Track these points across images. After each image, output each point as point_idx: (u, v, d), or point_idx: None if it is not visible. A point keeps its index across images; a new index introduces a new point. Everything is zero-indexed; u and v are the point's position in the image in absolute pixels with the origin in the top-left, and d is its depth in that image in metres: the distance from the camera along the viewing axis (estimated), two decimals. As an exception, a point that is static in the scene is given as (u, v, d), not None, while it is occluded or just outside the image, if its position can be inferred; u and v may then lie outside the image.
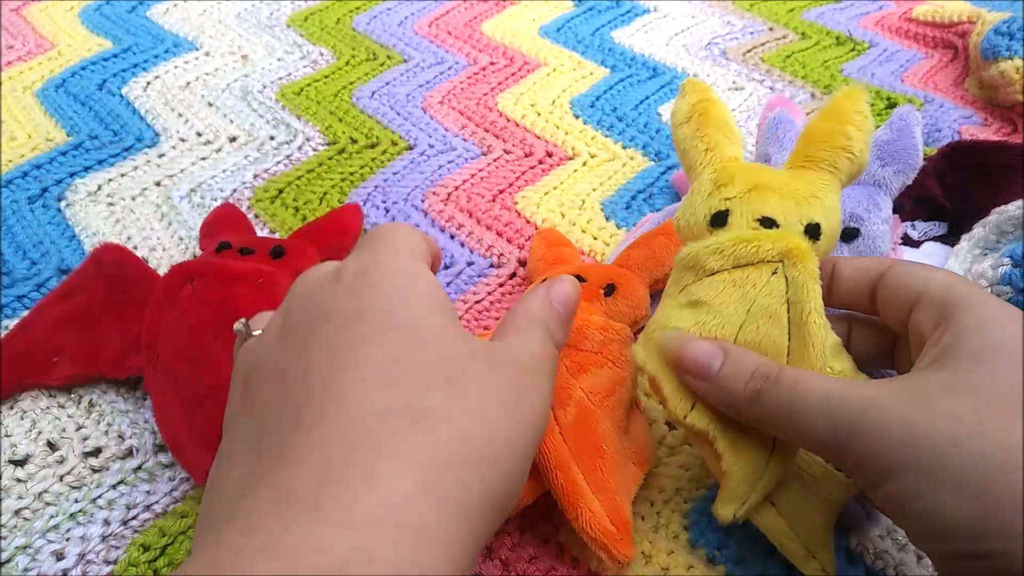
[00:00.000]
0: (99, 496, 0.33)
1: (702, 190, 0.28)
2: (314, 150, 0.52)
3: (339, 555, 0.15)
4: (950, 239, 0.37)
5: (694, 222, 0.28)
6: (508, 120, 0.54)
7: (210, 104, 0.56)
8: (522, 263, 0.43)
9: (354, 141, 0.52)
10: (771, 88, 0.58)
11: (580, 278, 0.32)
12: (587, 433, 0.28)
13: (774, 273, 0.26)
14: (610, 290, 0.34)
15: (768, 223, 0.27)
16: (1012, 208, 0.35)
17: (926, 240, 0.40)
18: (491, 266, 0.43)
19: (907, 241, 0.40)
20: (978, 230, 0.36)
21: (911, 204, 0.42)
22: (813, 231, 0.27)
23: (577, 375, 0.30)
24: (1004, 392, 0.20)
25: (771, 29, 0.65)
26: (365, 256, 0.22)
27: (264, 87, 0.58)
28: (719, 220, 0.27)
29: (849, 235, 0.35)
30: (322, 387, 0.18)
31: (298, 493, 0.16)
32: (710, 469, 0.28)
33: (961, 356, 0.22)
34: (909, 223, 0.42)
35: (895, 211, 0.37)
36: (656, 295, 0.32)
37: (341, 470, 0.16)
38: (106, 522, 0.32)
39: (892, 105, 0.54)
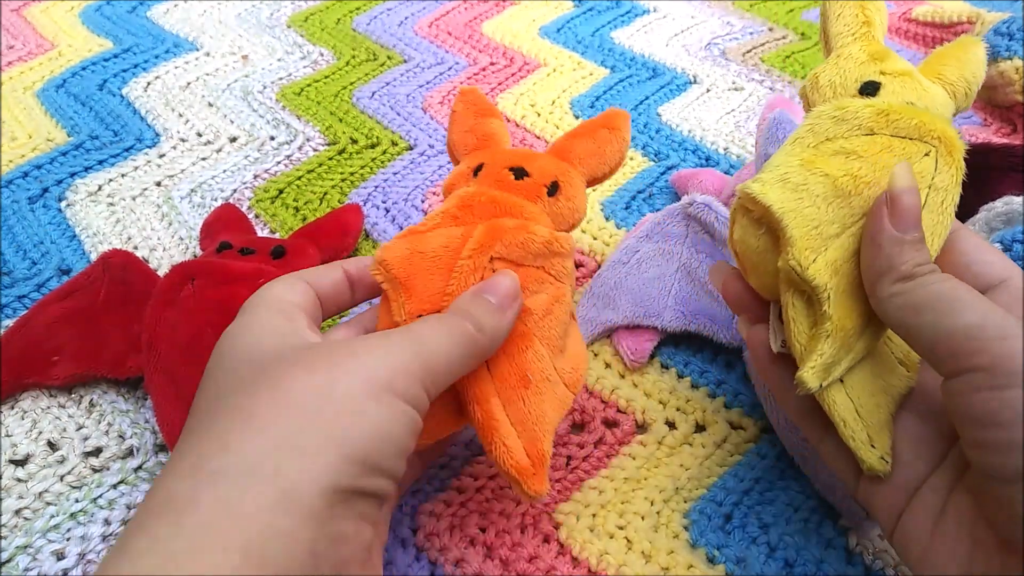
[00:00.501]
0: (100, 496, 0.33)
1: (854, 56, 0.28)
2: (314, 150, 0.52)
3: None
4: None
5: (840, 82, 0.28)
6: (508, 120, 0.54)
7: (210, 104, 0.56)
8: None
9: (354, 141, 0.53)
10: (771, 88, 0.58)
11: (522, 171, 0.31)
12: (513, 362, 0.27)
13: (926, 155, 0.25)
14: (554, 189, 0.31)
15: None
16: (1000, 205, 0.35)
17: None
18: (491, 266, 0.43)
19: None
20: (969, 228, 0.36)
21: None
22: None
23: None
24: None
25: (771, 29, 0.66)
26: (236, 321, 0.26)
27: (264, 87, 0.58)
28: (870, 89, 0.27)
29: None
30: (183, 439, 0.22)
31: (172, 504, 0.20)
32: (791, 335, 0.26)
33: None
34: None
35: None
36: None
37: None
38: (107, 522, 0.32)
39: (892, 105, 0.54)
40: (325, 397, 0.21)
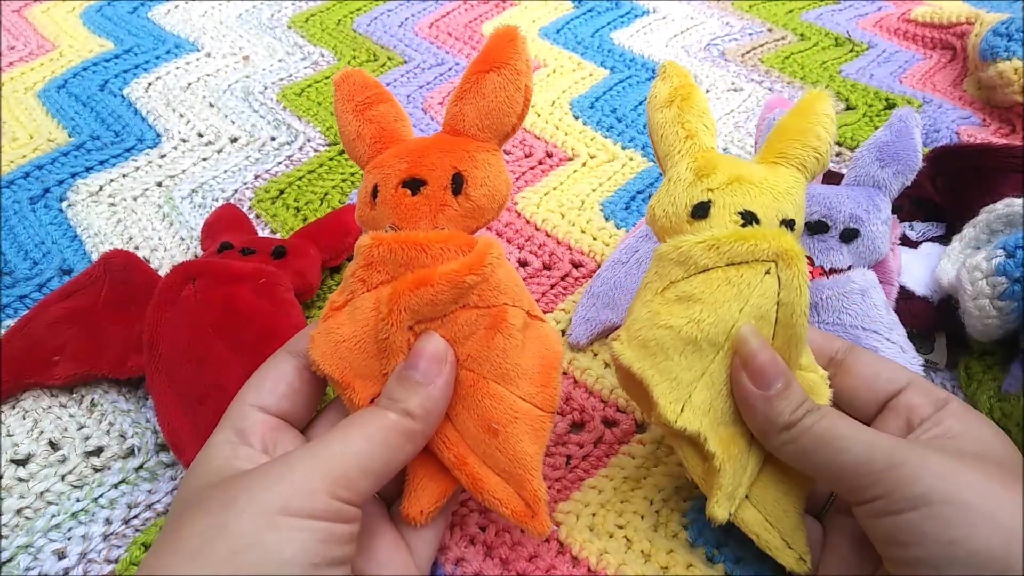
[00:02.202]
0: (101, 495, 0.33)
1: (682, 179, 0.28)
2: (315, 151, 0.52)
3: None
4: (947, 239, 0.37)
5: (673, 211, 0.28)
6: (508, 121, 0.54)
7: (211, 105, 0.57)
8: (522, 263, 0.43)
9: (355, 142, 0.53)
10: (770, 89, 0.58)
11: (417, 182, 0.27)
12: (474, 415, 0.27)
13: (767, 273, 0.26)
14: (458, 185, 0.27)
15: (749, 217, 0.27)
16: (1000, 206, 0.35)
17: (924, 240, 0.40)
18: (491, 266, 0.43)
19: (905, 241, 0.40)
20: (968, 230, 0.36)
21: (909, 205, 0.42)
22: (788, 226, 0.27)
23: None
24: (1017, 468, 0.24)
25: (770, 30, 0.66)
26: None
27: (265, 88, 0.58)
28: (701, 211, 0.27)
29: (849, 236, 0.35)
30: None
31: None
32: (689, 473, 0.28)
33: (971, 436, 0.25)
34: (907, 224, 0.42)
35: (893, 211, 0.37)
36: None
37: None
38: (108, 521, 0.32)
39: (891, 106, 0.54)
40: (218, 539, 0.22)
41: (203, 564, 0.21)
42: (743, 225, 0.27)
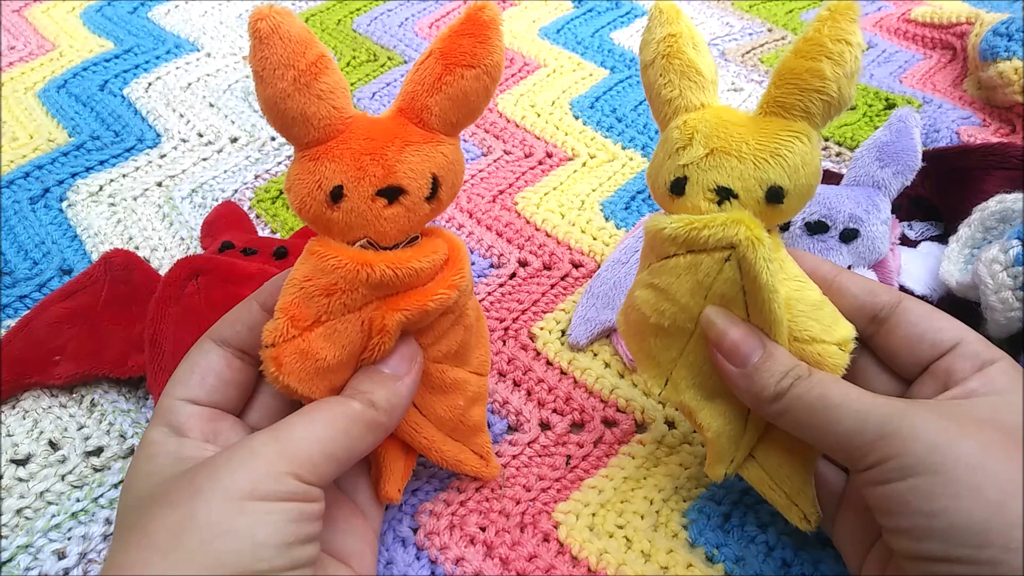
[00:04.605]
0: (101, 495, 0.33)
1: (666, 147, 0.27)
2: (315, 151, 0.52)
3: None
4: (946, 239, 0.37)
5: (657, 186, 0.27)
6: (508, 121, 0.54)
7: (211, 105, 0.57)
8: (522, 263, 0.43)
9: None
10: (770, 89, 0.58)
11: (395, 191, 0.24)
12: (445, 399, 0.29)
13: (727, 260, 0.25)
14: (434, 190, 0.25)
15: (724, 192, 0.25)
16: (992, 204, 0.35)
17: (923, 240, 0.40)
18: (491, 266, 0.43)
19: (905, 241, 0.40)
20: (964, 230, 0.36)
21: (908, 204, 0.42)
22: (775, 195, 0.25)
23: (422, 347, 0.28)
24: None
25: (770, 30, 0.66)
26: (134, 455, 0.27)
27: (265, 88, 0.58)
28: (677, 188, 0.26)
29: (849, 236, 0.35)
30: None
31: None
32: (696, 431, 0.28)
33: (989, 396, 0.24)
34: (906, 223, 0.42)
35: (892, 211, 0.37)
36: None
37: None
38: (108, 521, 0.32)
39: (891, 106, 0.54)
40: (188, 529, 0.21)
41: (176, 558, 0.21)
42: (719, 202, 0.25)
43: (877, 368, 0.28)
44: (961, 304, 0.34)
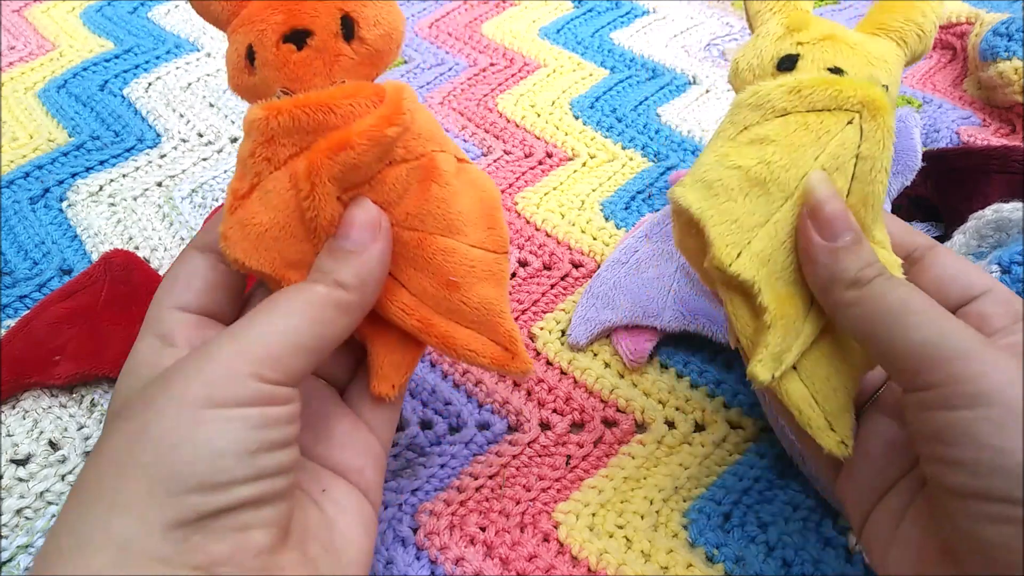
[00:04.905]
0: (101, 495, 0.33)
1: (771, 33, 0.27)
2: (315, 151, 0.52)
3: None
4: (946, 240, 0.37)
5: (758, 64, 0.27)
6: (508, 121, 0.54)
7: (211, 105, 0.57)
8: (522, 263, 0.43)
9: (355, 142, 0.53)
10: (770, 89, 0.58)
11: (301, 32, 0.24)
12: (428, 274, 0.25)
13: (849, 123, 0.24)
14: (349, 28, 0.24)
15: (838, 72, 0.26)
16: (989, 212, 0.35)
17: (924, 240, 0.40)
18: (491, 266, 0.43)
19: (905, 241, 0.40)
20: (958, 237, 0.36)
21: (908, 204, 0.42)
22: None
23: (385, 211, 0.25)
24: None
25: (770, 30, 0.66)
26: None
27: (265, 88, 0.58)
28: (787, 64, 0.26)
29: (848, 235, 0.35)
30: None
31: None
32: (736, 332, 0.26)
33: None
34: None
35: (893, 211, 0.37)
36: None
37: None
38: (108, 521, 0.32)
39: (891, 106, 0.54)
40: (139, 442, 0.20)
41: (131, 474, 0.20)
42: None
43: None
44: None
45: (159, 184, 0.49)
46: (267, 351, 0.22)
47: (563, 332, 0.39)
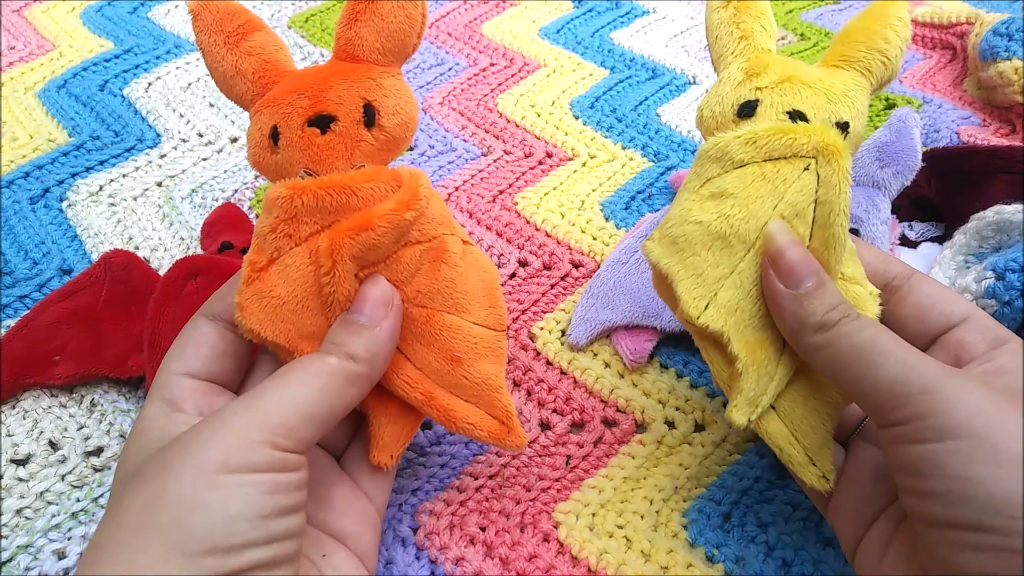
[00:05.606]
0: (101, 495, 0.33)
1: (732, 79, 0.27)
2: (315, 151, 0.52)
3: None
4: (946, 240, 0.37)
5: (719, 111, 0.27)
6: (508, 121, 0.54)
7: (211, 105, 0.57)
8: (522, 263, 0.43)
9: (355, 142, 0.53)
10: (770, 89, 0.58)
11: (326, 118, 0.25)
12: (433, 349, 0.27)
13: (806, 169, 0.25)
14: (370, 117, 0.26)
15: (797, 116, 0.26)
16: (990, 214, 0.35)
17: (923, 241, 0.40)
18: (491, 266, 0.43)
19: (904, 242, 0.40)
20: (959, 237, 0.36)
21: (908, 204, 0.42)
22: (842, 129, 0.26)
23: (397, 288, 0.27)
24: None
25: (770, 30, 0.66)
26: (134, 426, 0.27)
27: (265, 88, 0.58)
28: (747, 110, 0.26)
29: (848, 235, 0.35)
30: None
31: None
32: (715, 378, 0.27)
33: (1020, 374, 0.23)
34: (906, 223, 0.42)
35: (892, 211, 0.37)
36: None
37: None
38: (108, 521, 0.32)
39: (891, 106, 0.54)
40: (156, 505, 0.21)
41: (148, 536, 0.20)
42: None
43: None
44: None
45: (159, 184, 0.49)
46: (280, 420, 0.23)
47: (563, 332, 0.39)
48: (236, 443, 0.22)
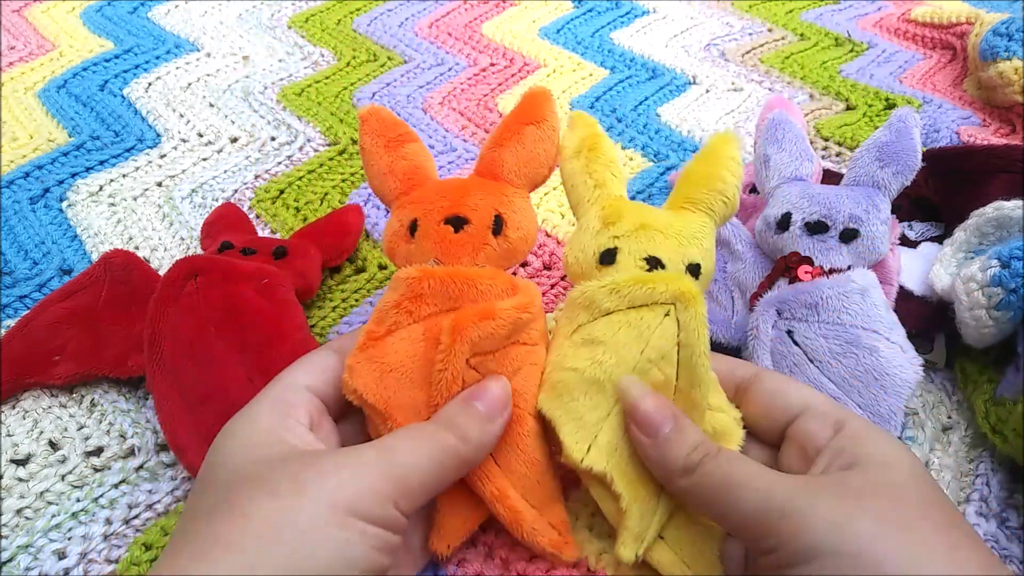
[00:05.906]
0: (101, 495, 0.33)
1: (591, 227, 0.30)
2: (315, 151, 0.52)
3: None
4: (946, 238, 0.37)
5: (583, 259, 0.29)
6: (508, 121, 0.54)
7: (211, 105, 0.57)
8: (522, 263, 0.43)
9: (355, 142, 0.53)
10: (770, 89, 0.58)
11: (460, 220, 0.29)
12: (520, 450, 0.28)
13: (666, 315, 0.27)
14: (498, 227, 0.29)
15: (654, 262, 0.28)
16: (990, 210, 0.35)
17: (923, 240, 0.40)
18: (491, 266, 0.43)
19: (904, 241, 0.40)
20: (959, 234, 0.36)
21: (908, 204, 0.42)
22: (694, 271, 0.29)
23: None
24: (916, 494, 0.23)
25: (770, 30, 0.66)
26: (237, 416, 0.27)
27: (265, 88, 0.58)
28: (608, 258, 0.29)
29: (848, 236, 0.35)
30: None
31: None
32: (606, 514, 0.28)
33: (870, 462, 0.24)
34: (906, 223, 0.42)
35: (892, 211, 0.37)
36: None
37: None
38: (108, 521, 0.32)
39: (891, 106, 0.54)
40: (287, 524, 0.21)
41: (270, 551, 0.21)
42: (648, 270, 0.28)
43: (749, 440, 0.28)
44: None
45: (159, 184, 0.49)
46: (406, 481, 0.24)
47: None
48: (369, 490, 0.23)
